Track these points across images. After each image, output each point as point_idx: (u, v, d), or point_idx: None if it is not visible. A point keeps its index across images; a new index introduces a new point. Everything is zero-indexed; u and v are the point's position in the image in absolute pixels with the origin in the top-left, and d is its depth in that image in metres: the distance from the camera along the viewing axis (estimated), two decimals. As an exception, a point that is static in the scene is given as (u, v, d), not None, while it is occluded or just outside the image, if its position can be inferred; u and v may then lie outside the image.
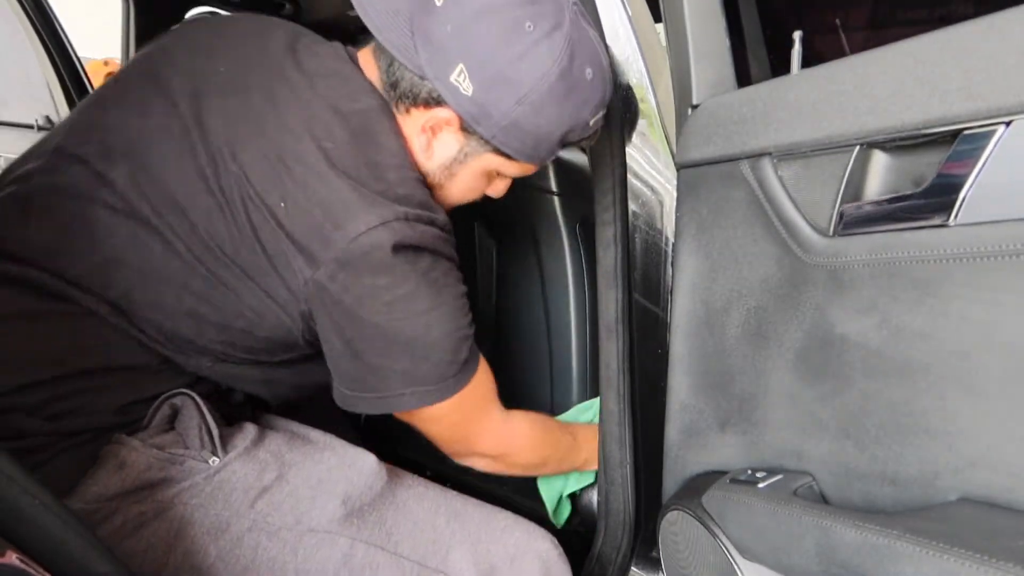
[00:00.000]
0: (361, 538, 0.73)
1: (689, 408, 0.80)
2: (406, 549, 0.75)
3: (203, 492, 0.71)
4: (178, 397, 0.75)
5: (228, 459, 0.73)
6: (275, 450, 0.76)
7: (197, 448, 0.72)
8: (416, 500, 0.79)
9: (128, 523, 0.68)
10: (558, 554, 0.82)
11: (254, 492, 0.72)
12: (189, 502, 0.70)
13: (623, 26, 0.87)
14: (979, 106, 0.50)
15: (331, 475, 0.75)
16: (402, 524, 0.76)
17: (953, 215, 0.52)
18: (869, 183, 0.60)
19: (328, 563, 0.71)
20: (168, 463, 0.71)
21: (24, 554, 0.49)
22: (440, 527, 0.78)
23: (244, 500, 0.71)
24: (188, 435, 0.73)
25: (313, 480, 0.75)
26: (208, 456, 0.72)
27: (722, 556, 0.70)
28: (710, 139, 0.74)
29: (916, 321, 0.56)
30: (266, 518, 0.71)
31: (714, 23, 0.79)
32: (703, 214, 0.76)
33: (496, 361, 1.20)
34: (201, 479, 0.71)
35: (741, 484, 0.69)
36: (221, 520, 0.70)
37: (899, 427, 0.57)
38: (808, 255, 0.64)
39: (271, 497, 0.72)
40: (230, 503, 0.71)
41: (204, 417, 0.73)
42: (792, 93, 0.65)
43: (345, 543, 0.73)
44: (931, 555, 0.49)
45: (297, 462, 0.76)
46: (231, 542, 0.70)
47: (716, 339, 0.75)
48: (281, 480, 0.73)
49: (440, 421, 0.81)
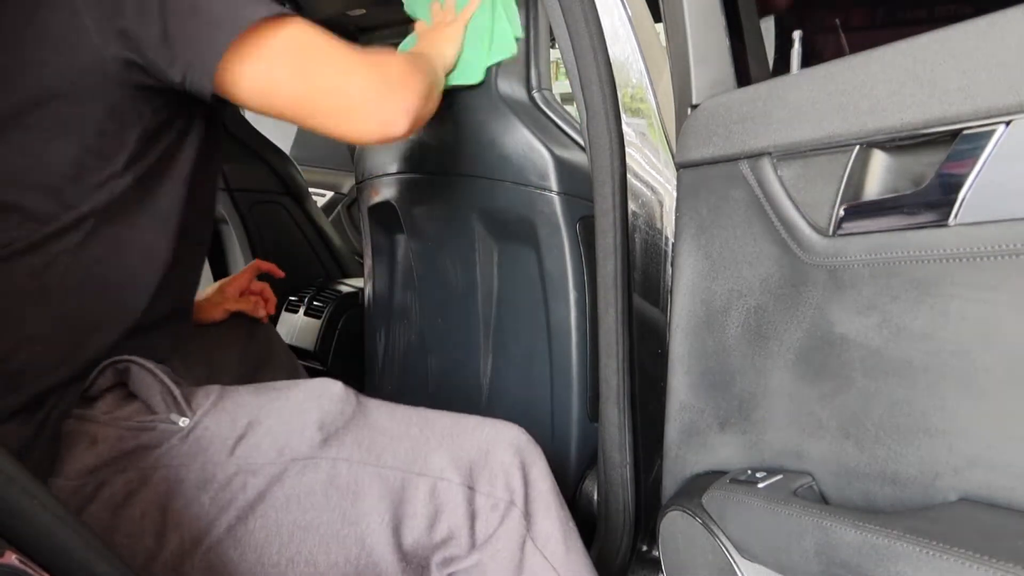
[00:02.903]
0: (342, 456, 0.75)
1: (689, 408, 0.80)
2: (388, 460, 0.76)
3: (181, 452, 0.72)
4: (120, 363, 0.75)
5: (198, 417, 0.73)
6: (241, 400, 0.77)
7: (164, 411, 0.73)
8: (387, 416, 0.80)
9: (117, 494, 0.69)
10: (527, 439, 0.84)
11: (231, 441, 0.73)
12: (171, 463, 0.71)
13: (623, 26, 0.87)
14: (979, 106, 0.50)
15: (302, 407, 0.77)
16: (379, 439, 0.78)
17: (953, 215, 0.52)
18: (869, 183, 0.60)
19: (315, 485, 0.73)
20: (139, 431, 0.72)
21: (24, 554, 0.49)
22: (415, 436, 0.79)
23: (223, 450, 0.72)
24: (151, 400, 0.73)
25: (285, 415, 0.76)
26: (177, 418, 0.73)
27: (722, 556, 0.70)
28: (710, 139, 0.74)
29: (916, 321, 0.56)
30: (247, 460, 0.73)
31: (714, 23, 0.79)
32: (703, 214, 0.76)
33: (496, 361, 1.20)
34: (176, 440, 0.72)
35: (741, 484, 0.69)
36: (206, 472, 0.71)
37: (899, 427, 0.57)
38: (808, 255, 0.64)
39: (248, 441, 0.73)
40: (210, 456, 0.72)
41: (163, 381, 0.74)
42: (792, 93, 0.65)
43: (327, 464, 0.74)
44: (931, 555, 0.49)
45: (265, 404, 0.77)
46: (219, 488, 0.71)
47: (716, 339, 0.75)
48: (254, 424, 0.74)
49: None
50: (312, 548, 0.72)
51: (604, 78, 0.87)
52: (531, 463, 0.83)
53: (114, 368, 0.76)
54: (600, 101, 0.87)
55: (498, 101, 1.07)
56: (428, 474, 0.77)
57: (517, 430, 0.85)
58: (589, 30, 0.87)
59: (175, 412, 0.73)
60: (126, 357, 0.76)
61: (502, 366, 1.18)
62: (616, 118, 0.88)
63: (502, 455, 0.81)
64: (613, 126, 0.88)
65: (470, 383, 1.22)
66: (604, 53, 0.87)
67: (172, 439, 0.72)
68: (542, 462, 0.84)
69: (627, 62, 0.87)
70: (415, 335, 1.33)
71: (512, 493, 0.80)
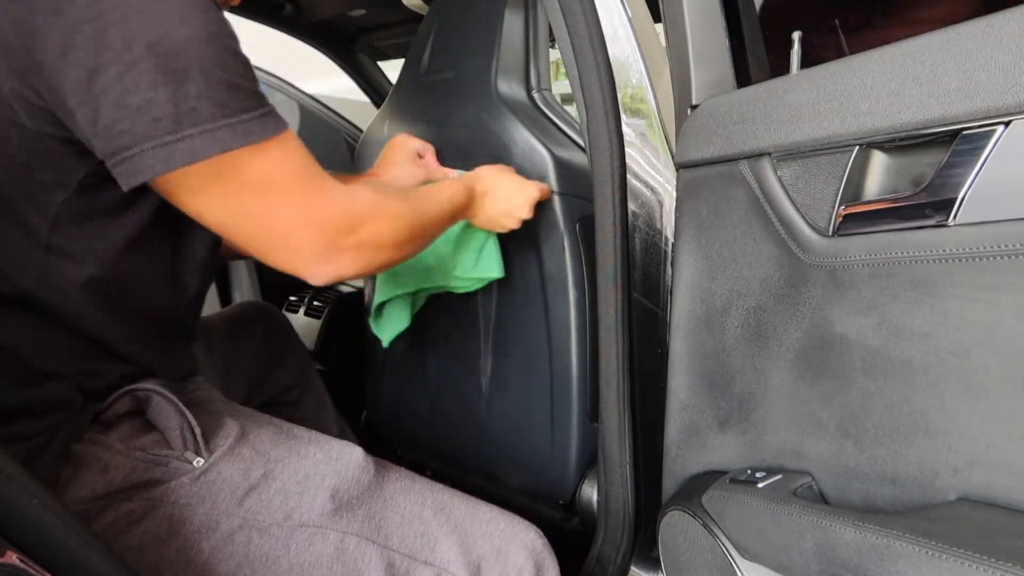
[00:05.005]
0: (352, 531, 0.73)
1: (689, 408, 0.80)
2: (396, 542, 0.74)
3: (190, 492, 0.70)
4: (140, 391, 0.74)
5: (213, 459, 0.72)
6: (259, 447, 0.75)
7: (180, 449, 0.71)
8: (403, 493, 0.78)
9: (120, 520, 0.68)
10: (543, 543, 0.82)
11: (241, 491, 0.71)
12: (178, 501, 0.70)
13: (623, 26, 0.87)
14: (978, 106, 0.50)
15: (318, 469, 0.75)
16: (391, 517, 0.76)
17: (952, 215, 0.52)
18: (868, 183, 0.60)
19: (321, 557, 0.71)
20: (152, 464, 0.70)
21: (24, 554, 0.49)
22: (427, 520, 0.77)
23: (232, 499, 0.71)
24: (169, 434, 0.72)
25: (300, 475, 0.74)
26: (192, 457, 0.71)
27: (722, 556, 0.70)
28: (710, 139, 0.74)
29: (915, 321, 0.56)
30: (255, 515, 0.71)
31: (714, 23, 0.79)
32: (703, 214, 0.76)
33: (496, 361, 1.20)
34: (187, 480, 0.70)
35: (741, 484, 0.69)
36: (211, 519, 0.70)
37: (898, 427, 0.57)
38: (807, 255, 0.64)
39: (259, 495, 0.72)
40: (218, 503, 0.71)
41: (184, 415, 0.72)
42: (791, 93, 0.65)
43: (336, 537, 0.72)
44: (930, 555, 0.49)
45: (283, 458, 0.75)
46: (222, 540, 0.70)
47: (716, 339, 0.75)
48: (268, 477, 0.73)
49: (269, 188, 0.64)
50: None
51: (604, 78, 0.87)
52: (545, 569, 0.80)
53: (133, 395, 0.74)
54: (600, 101, 0.87)
55: (498, 101, 1.07)
56: (434, 564, 0.75)
57: (535, 532, 0.82)
58: (589, 30, 0.87)
59: (191, 450, 0.71)
60: (148, 386, 0.74)
61: (502, 366, 1.18)
62: (616, 118, 0.88)
63: (515, 556, 0.78)
64: (613, 126, 0.88)
65: (470, 383, 1.22)
66: (604, 53, 0.87)
67: (183, 477, 0.70)
68: (555, 571, 0.81)
69: (627, 62, 0.87)
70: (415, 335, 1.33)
71: None
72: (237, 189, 0.63)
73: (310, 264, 0.69)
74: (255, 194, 0.64)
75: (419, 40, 1.23)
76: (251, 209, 0.65)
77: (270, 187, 0.64)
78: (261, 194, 0.64)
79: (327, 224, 0.68)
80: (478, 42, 1.11)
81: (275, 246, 0.68)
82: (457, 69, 1.14)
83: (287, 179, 0.65)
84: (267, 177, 0.64)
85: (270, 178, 0.64)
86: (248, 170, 0.62)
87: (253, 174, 0.63)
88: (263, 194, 0.64)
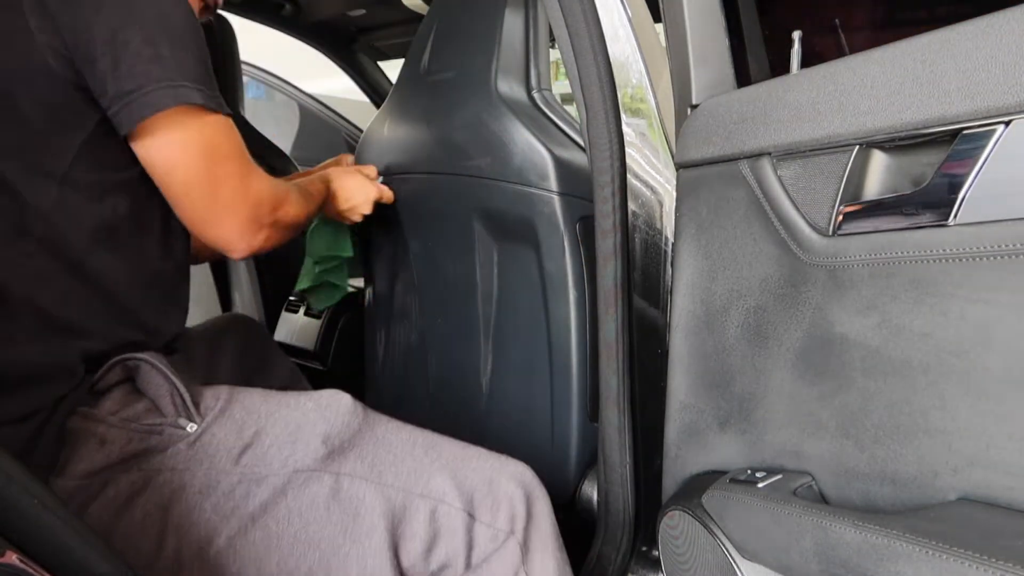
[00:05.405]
0: (346, 471, 0.75)
1: (689, 408, 0.80)
2: (390, 479, 0.76)
3: (187, 457, 0.72)
4: (130, 361, 0.76)
5: (206, 423, 0.74)
6: (250, 406, 0.77)
7: (172, 415, 0.73)
8: (394, 433, 0.81)
9: (120, 494, 0.70)
10: (532, 475, 0.84)
11: (236, 450, 0.73)
12: (176, 467, 0.71)
13: (623, 26, 0.87)
14: (978, 106, 0.50)
15: (308, 418, 0.77)
16: (383, 456, 0.78)
17: (952, 215, 0.52)
18: (869, 183, 0.60)
19: (318, 498, 0.73)
20: (147, 434, 0.72)
21: (24, 554, 0.49)
22: (419, 457, 0.79)
23: (228, 459, 0.73)
24: (160, 402, 0.74)
25: (292, 426, 0.76)
26: (185, 423, 0.73)
27: (722, 556, 0.70)
28: (709, 139, 0.74)
29: (915, 321, 0.56)
30: (252, 469, 0.73)
31: (714, 23, 0.79)
32: (703, 214, 0.76)
33: (496, 361, 1.20)
34: (183, 446, 0.72)
35: (741, 484, 0.69)
36: (210, 479, 0.72)
37: (898, 427, 0.57)
38: (807, 255, 0.64)
39: (254, 451, 0.74)
40: (215, 463, 0.72)
41: (172, 382, 0.74)
42: (791, 93, 0.65)
43: (331, 478, 0.74)
44: (931, 555, 0.49)
45: (274, 412, 0.77)
46: (222, 496, 0.71)
47: (716, 339, 0.75)
48: (261, 433, 0.75)
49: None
50: (312, 564, 0.72)
51: (604, 78, 0.87)
52: (535, 499, 0.82)
53: (123, 365, 0.76)
54: (600, 101, 0.87)
55: (498, 101, 1.07)
56: (429, 496, 0.77)
57: (524, 467, 0.84)
58: (589, 30, 0.87)
59: (183, 416, 0.73)
60: (137, 355, 0.76)
61: (502, 366, 1.18)
62: (616, 118, 0.88)
63: (506, 486, 0.80)
64: (613, 126, 0.88)
65: (470, 383, 1.22)
66: (604, 53, 0.87)
67: (179, 443, 0.72)
68: (546, 502, 0.83)
69: (627, 62, 0.87)
70: (415, 335, 1.33)
71: (513, 524, 0.79)
72: (196, 140, 0.76)
73: (235, 234, 0.82)
74: (207, 153, 0.77)
75: (419, 40, 1.23)
76: (200, 167, 0.77)
77: (218, 151, 0.78)
78: (211, 154, 0.78)
79: (256, 200, 0.82)
80: (478, 42, 1.11)
81: (214, 212, 0.80)
82: (457, 69, 1.14)
83: (233, 151, 0.80)
84: (219, 143, 0.78)
85: (221, 146, 0.78)
86: (206, 130, 0.77)
87: (208, 133, 0.77)
88: (213, 154, 0.78)
